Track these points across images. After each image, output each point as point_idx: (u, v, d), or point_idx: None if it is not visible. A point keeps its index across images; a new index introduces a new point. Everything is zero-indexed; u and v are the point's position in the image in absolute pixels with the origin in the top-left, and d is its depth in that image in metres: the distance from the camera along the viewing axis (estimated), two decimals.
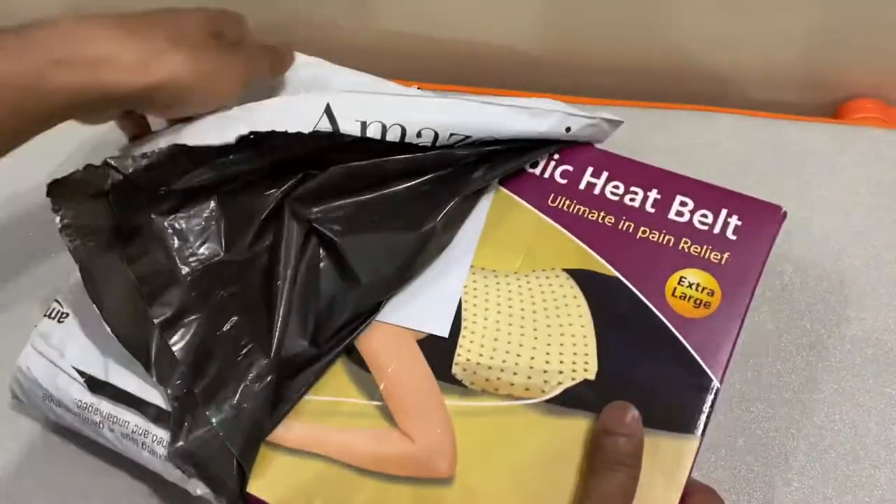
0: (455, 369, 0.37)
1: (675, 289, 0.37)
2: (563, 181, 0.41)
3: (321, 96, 0.40)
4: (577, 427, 0.35)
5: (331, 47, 0.48)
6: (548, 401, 0.35)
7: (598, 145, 0.42)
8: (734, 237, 0.38)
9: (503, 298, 0.38)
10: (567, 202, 0.40)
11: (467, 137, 0.40)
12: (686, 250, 0.38)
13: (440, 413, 0.36)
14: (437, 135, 0.39)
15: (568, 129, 0.41)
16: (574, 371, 0.36)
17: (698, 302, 0.37)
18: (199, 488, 0.34)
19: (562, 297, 0.38)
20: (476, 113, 0.40)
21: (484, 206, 0.41)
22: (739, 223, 0.38)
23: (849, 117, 0.54)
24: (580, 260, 0.39)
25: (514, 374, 0.36)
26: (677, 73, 0.54)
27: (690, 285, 0.37)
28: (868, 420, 0.41)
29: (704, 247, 0.38)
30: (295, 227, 0.39)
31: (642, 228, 0.39)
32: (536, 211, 0.41)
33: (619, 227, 0.39)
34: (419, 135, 0.39)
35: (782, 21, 0.50)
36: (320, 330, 0.38)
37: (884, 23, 0.50)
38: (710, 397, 0.34)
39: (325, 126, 0.39)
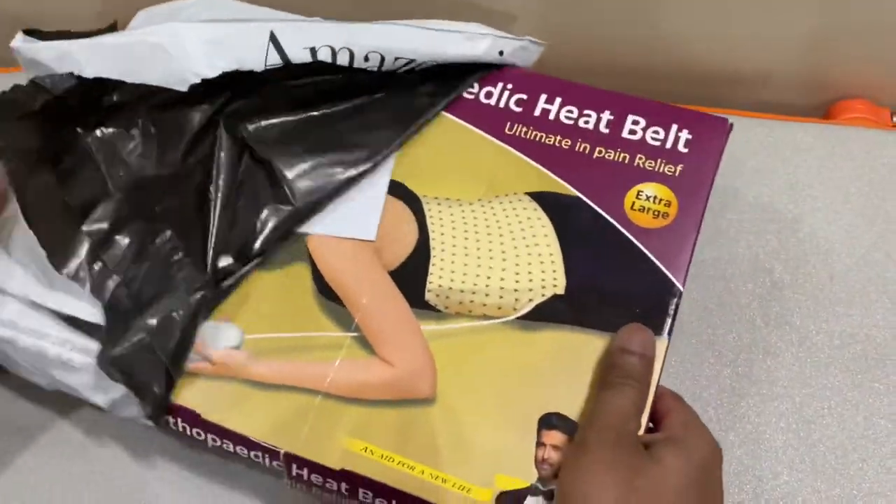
0: (428, 296, 0.38)
1: (633, 203, 0.39)
2: (519, 109, 0.42)
3: (262, 25, 0.40)
4: (550, 339, 0.36)
5: None
6: (521, 317, 0.37)
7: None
8: (685, 150, 0.40)
9: (469, 225, 0.39)
10: (524, 129, 0.41)
11: (412, 61, 0.41)
12: (641, 166, 0.39)
13: (417, 337, 0.37)
14: (383, 58, 0.40)
15: (501, 53, 0.43)
16: (544, 287, 0.37)
17: (656, 213, 0.38)
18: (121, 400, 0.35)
19: (526, 218, 0.39)
20: (419, 37, 0.41)
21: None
22: (690, 137, 0.40)
23: (839, 118, 0.55)
24: (540, 183, 0.40)
25: (486, 294, 0.37)
26: (669, 74, 0.54)
27: (648, 198, 0.39)
28: (856, 414, 0.41)
29: (658, 161, 0.39)
30: (229, 143, 0.40)
31: (598, 149, 0.40)
32: (494, 139, 0.41)
33: (576, 148, 0.40)
34: (367, 58, 0.40)
35: (774, 23, 0.51)
36: (249, 246, 0.38)
37: (874, 24, 0.50)
38: (675, 300, 0.36)
39: (273, 56, 0.39)
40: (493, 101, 0.42)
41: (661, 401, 0.35)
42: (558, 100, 0.42)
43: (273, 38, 0.39)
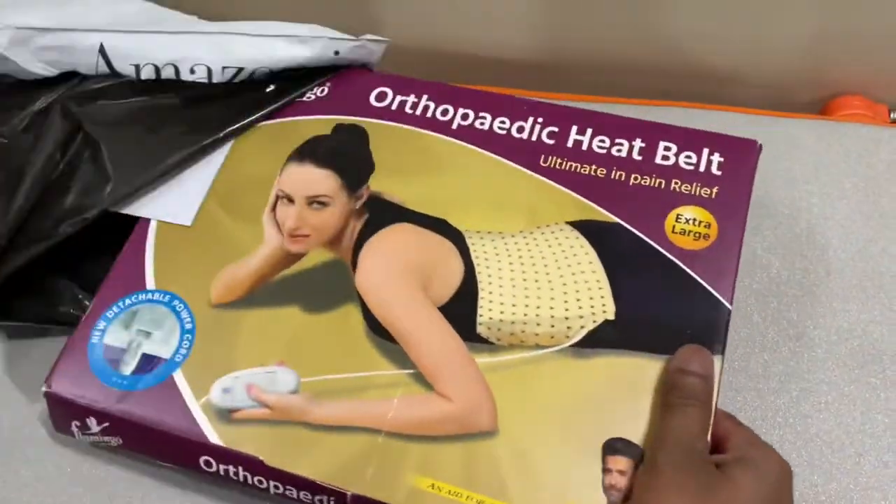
0: (480, 329, 0.38)
1: (673, 226, 0.39)
2: (551, 142, 0.43)
3: (95, 35, 0.43)
4: (605, 364, 0.36)
5: None
6: (574, 345, 0.37)
7: (572, 104, 0.44)
8: (719, 172, 0.41)
9: (514, 256, 0.40)
10: (558, 160, 0.42)
11: (241, 69, 0.43)
12: (678, 190, 0.40)
13: (472, 370, 0.37)
14: (209, 69, 0.43)
15: (337, 53, 0.44)
16: (594, 314, 0.38)
17: (697, 235, 0.39)
18: None
19: (569, 247, 0.40)
20: (244, 45, 0.43)
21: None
22: (721, 159, 0.41)
23: (836, 114, 0.55)
24: (580, 212, 0.41)
25: (538, 324, 0.38)
26: (666, 71, 0.55)
27: (688, 221, 0.39)
28: (853, 409, 0.42)
29: (694, 184, 0.40)
30: (61, 123, 0.42)
31: (633, 175, 0.41)
32: (530, 172, 0.42)
33: (612, 176, 0.41)
34: (192, 71, 0.43)
35: (771, 19, 0.52)
36: (60, 221, 0.41)
37: (871, 22, 0.51)
38: (725, 319, 0.37)
39: (103, 67, 0.43)
40: (525, 136, 0.43)
41: (720, 422, 0.35)
42: (589, 130, 0.43)
43: (102, 51, 0.42)
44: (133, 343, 0.39)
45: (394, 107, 0.45)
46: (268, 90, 0.46)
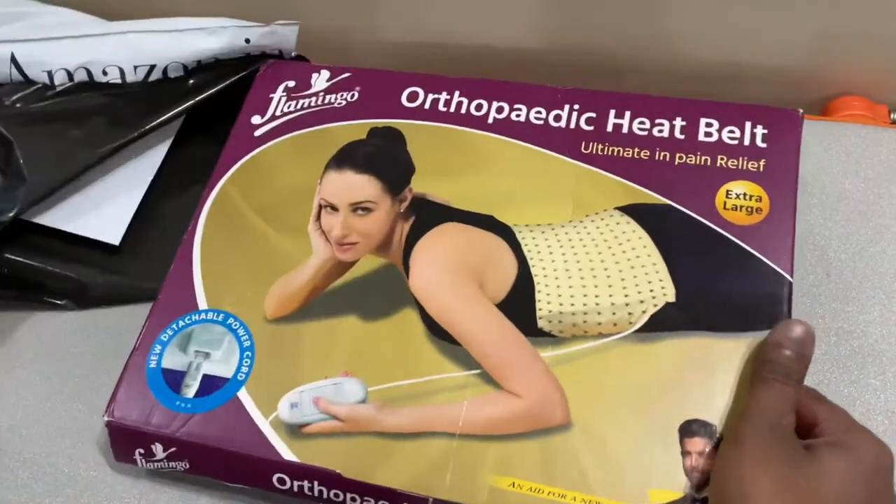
0: (540, 322, 0.38)
1: (724, 202, 0.39)
2: (590, 128, 0.43)
3: (5, 46, 0.43)
4: (672, 347, 0.36)
5: (337, 53, 0.49)
6: (637, 331, 0.37)
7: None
8: (764, 145, 0.41)
9: (566, 247, 0.40)
10: (599, 146, 0.42)
11: (153, 66, 0.43)
12: (725, 166, 0.40)
13: (539, 365, 0.37)
14: (122, 70, 0.43)
15: (248, 41, 0.45)
16: (654, 297, 0.37)
17: (750, 210, 0.39)
18: None
19: (621, 233, 0.40)
20: (154, 42, 0.44)
21: (174, 125, 0.46)
22: (766, 131, 0.41)
23: (836, 114, 0.55)
24: (628, 196, 0.40)
25: (599, 314, 0.38)
26: (667, 70, 0.55)
27: (738, 196, 0.39)
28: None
29: (741, 159, 0.40)
30: None
31: (678, 155, 0.41)
32: (572, 160, 0.42)
33: (656, 157, 0.41)
34: (105, 73, 0.43)
35: (772, 20, 0.51)
36: None
37: (871, 22, 0.51)
38: (787, 291, 0.37)
39: (16, 75, 0.43)
40: (562, 124, 0.43)
41: (812, 404, 0.34)
42: (627, 113, 0.43)
43: (13, 60, 0.43)
44: (192, 365, 0.38)
45: (426, 106, 0.45)
46: (184, 85, 0.46)
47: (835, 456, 0.31)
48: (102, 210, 0.45)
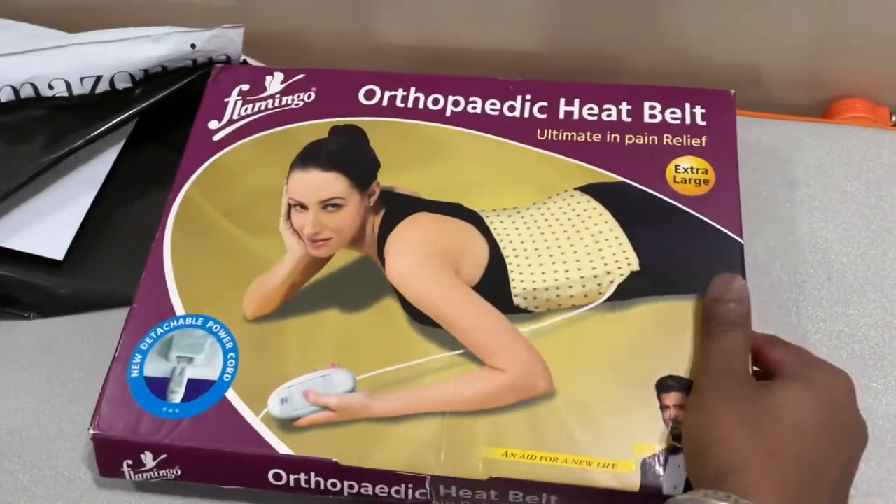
0: (516, 300, 0.40)
1: (674, 176, 0.42)
2: (543, 116, 0.45)
3: None
4: (641, 312, 0.39)
5: (334, 54, 0.49)
6: (608, 300, 0.39)
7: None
8: (703, 123, 0.44)
9: (533, 228, 0.42)
10: (554, 132, 0.44)
11: (99, 78, 0.44)
12: (670, 143, 0.43)
13: (519, 339, 0.39)
14: (68, 83, 0.44)
15: (193, 46, 0.46)
16: (619, 268, 0.40)
17: (698, 181, 0.42)
18: None
19: (583, 210, 0.42)
20: (99, 53, 0.44)
21: (122, 134, 0.46)
22: (704, 110, 0.44)
23: (838, 117, 0.55)
24: (585, 176, 0.43)
25: (570, 287, 0.40)
26: (668, 73, 0.53)
27: (686, 170, 0.42)
28: None
29: (684, 136, 0.43)
30: None
31: (627, 136, 0.44)
32: (530, 147, 0.44)
33: (607, 140, 0.44)
34: (51, 87, 0.43)
35: (773, 22, 0.52)
36: None
37: (873, 25, 0.51)
38: (740, 252, 0.40)
39: None
40: (517, 114, 0.45)
41: (766, 349, 0.36)
42: (577, 101, 0.45)
43: None
44: (176, 371, 0.38)
45: (384, 103, 0.46)
46: (131, 94, 0.46)
47: (793, 387, 0.32)
48: (45, 224, 0.45)
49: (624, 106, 0.45)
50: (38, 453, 0.41)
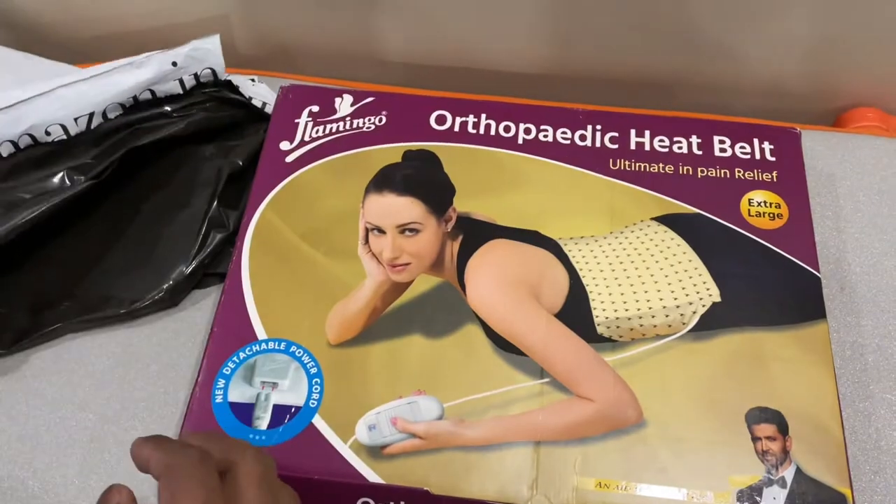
0: (599, 329, 0.39)
1: (748, 209, 0.43)
2: (615, 146, 0.45)
3: None
4: (724, 343, 0.39)
5: (339, 63, 0.48)
6: (691, 330, 0.39)
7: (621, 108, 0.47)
8: (773, 158, 0.45)
9: (611, 257, 0.42)
10: (626, 163, 0.45)
11: (92, 114, 0.44)
12: (743, 177, 0.44)
13: (605, 368, 0.38)
14: (63, 126, 0.44)
15: (175, 64, 0.46)
16: (701, 298, 0.40)
17: (772, 216, 0.43)
18: None
19: (661, 241, 0.42)
20: (86, 89, 0.44)
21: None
22: (772, 146, 0.45)
23: (849, 126, 0.55)
24: (660, 207, 0.43)
25: (653, 316, 0.40)
26: (679, 82, 0.56)
27: (760, 203, 0.43)
28: (868, 426, 0.41)
29: (756, 171, 0.44)
30: None
31: (699, 169, 0.44)
32: (602, 176, 0.44)
33: (680, 172, 0.44)
34: (48, 133, 0.43)
35: (784, 31, 0.52)
36: None
37: (884, 33, 0.51)
38: (819, 286, 0.40)
39: None
40: (588, 143, 0.46)
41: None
42: (647, 132, 0.46)
43: None
44: (261, 396, 0.37)
45: (456, 128, 0.46)
46: (130, 125, 0.46)
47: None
48: None
49: (694, 139, 0.45)
50: (48, 461, 0.40)
